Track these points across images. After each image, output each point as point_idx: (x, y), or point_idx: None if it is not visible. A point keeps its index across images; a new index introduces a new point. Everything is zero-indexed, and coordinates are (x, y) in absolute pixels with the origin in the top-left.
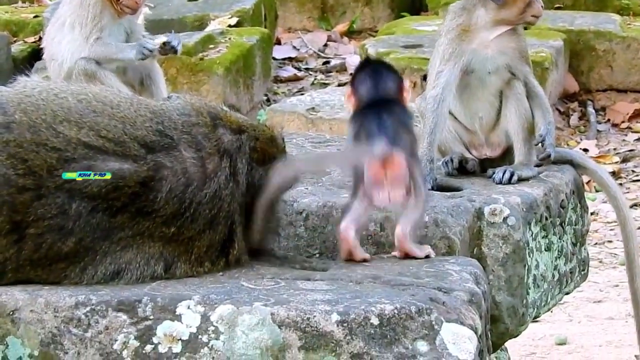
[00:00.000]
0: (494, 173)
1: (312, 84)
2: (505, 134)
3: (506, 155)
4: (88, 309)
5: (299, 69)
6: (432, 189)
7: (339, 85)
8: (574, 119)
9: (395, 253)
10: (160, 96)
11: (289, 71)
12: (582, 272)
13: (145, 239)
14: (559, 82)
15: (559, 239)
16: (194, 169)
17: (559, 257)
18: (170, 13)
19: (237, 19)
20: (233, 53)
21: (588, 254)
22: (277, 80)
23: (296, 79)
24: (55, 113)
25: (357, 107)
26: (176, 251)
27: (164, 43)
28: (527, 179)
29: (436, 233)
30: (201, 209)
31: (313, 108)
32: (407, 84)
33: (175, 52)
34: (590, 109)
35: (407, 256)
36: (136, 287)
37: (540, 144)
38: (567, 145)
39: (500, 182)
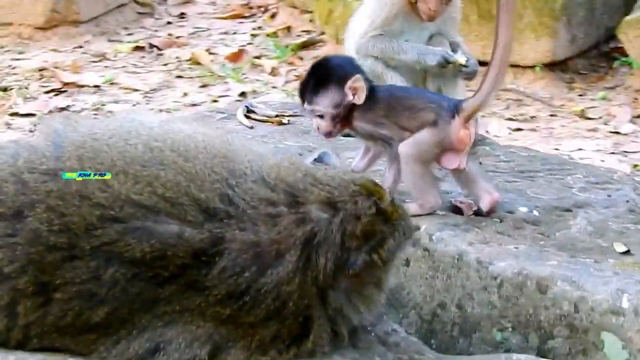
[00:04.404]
0: None
1: None
2: None
3: None
4: None
5: None
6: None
7: None
8: None
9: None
10: None
11: None
12: None
13: (194, 316)
14: None
15: None
16: (255, 250)
17: None
18: None
19: None
20: None
21: None
22: None
23: None
24: (115, 162)
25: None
26: (231, 335)
27: (462, 65)
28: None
29: None
30: (262, 297)
31: None
32: None
33: (473, 74)
34: None
35: None
36: None
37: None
38: None
39: None
